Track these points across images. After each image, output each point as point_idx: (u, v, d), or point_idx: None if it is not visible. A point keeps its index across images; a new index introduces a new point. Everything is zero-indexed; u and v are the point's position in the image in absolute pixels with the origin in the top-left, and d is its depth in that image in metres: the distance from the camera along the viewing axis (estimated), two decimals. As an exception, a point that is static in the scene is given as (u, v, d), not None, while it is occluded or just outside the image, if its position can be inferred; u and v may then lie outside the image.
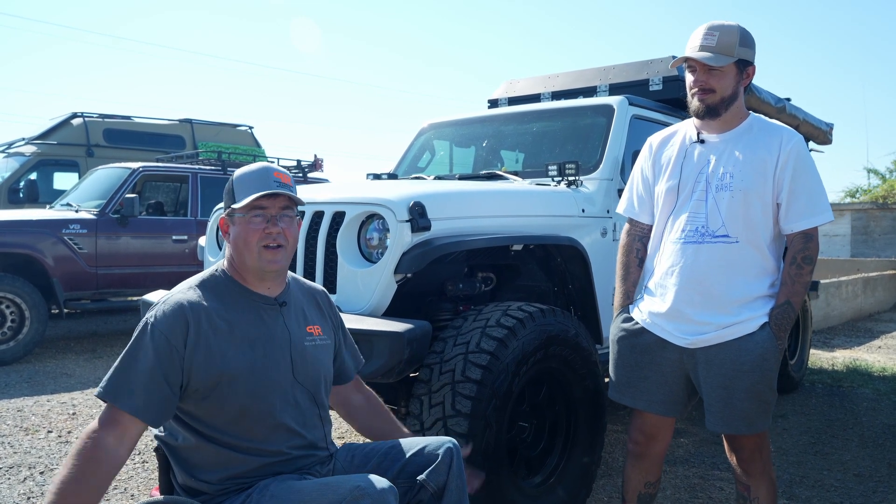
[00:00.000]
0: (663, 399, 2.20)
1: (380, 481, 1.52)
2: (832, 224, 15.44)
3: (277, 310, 1.76)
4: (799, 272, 2.07)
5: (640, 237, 2.33)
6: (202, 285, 1.72)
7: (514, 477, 2.62)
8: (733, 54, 2.07)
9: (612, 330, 2.32)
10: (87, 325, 8.24)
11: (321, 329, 1.86)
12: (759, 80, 4.79)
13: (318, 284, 2.01)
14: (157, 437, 1.74)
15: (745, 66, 2.12)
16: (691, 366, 2.14)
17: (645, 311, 2.22)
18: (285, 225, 1.71)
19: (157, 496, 1.70)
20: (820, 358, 6.81)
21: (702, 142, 2.17)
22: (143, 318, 1.63)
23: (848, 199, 19.82)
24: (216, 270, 1.77)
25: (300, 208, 1.94)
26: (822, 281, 9.00)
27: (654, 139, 2.34)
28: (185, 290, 1.68)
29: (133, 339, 1.61)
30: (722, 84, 2.09)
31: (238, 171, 1.76)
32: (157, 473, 1.94)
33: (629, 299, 2.31)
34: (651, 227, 2.30)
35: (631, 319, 2.25)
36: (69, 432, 4.04)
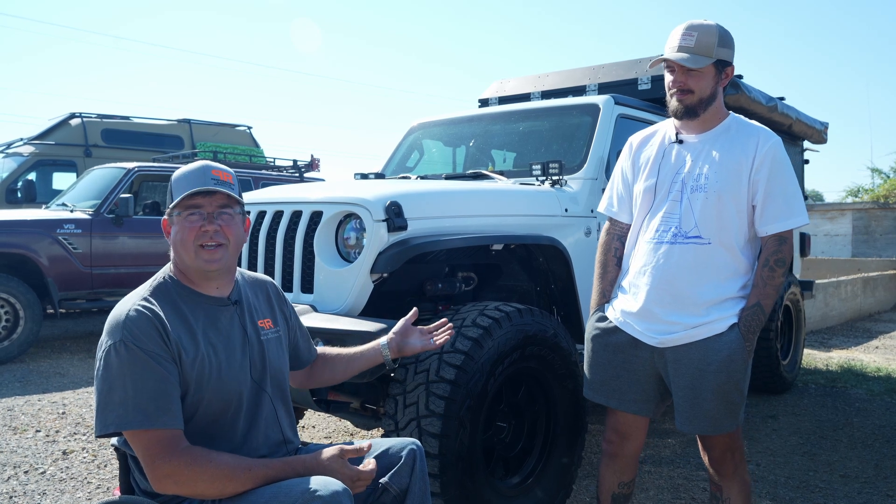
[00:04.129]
0: (635, 398, 2.21)
1: (333, 483, 1.51)
2: (833, 223, 15.39)
3: (231, 310, 1.74)
4: (771, 275, 2.05)
5: (619, 236, 2.33)
6: (154, 294, 1.64)
7: (491, 477, 2.61)
8: (712, 55, 2.05)
9: (588, 328, 2.33)
10: (84, 325, 8.26)
11: (271, 321, 1.84)
12: (760, 79, 4.78)
13: (263, 275, 1.98)
14: (115, 444, 1.73)
15: (723, 66, 2.10)
16: (661, 365, 2.14)
17: (618, 310, 2.22)
18: (224, 223, 1.67)
19: (118, 496, 1.70)
20: (815, 358, 6.78)
21: (680, 142, 2.17)
22: (114, 343, 1.52)
23: (850, 199, 19.74)
24: (163, 276, 1.70)
25: (262, 207, 1.91)
26: (820, 281, 8.96)
27: (635, 138, 2.33)
28: (141, 301, 1.60)
29: (118, 365, 1.50)
30: (700, 85, 2.08)
31: (177, 171, 1.72)
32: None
33: (605, 298, 2.31)
34: (630, 226, 2.30)
35: (606, 318, 2.26)
36: (57, 432, 4.05)
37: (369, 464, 1.65)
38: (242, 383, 1.68)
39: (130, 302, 1.61)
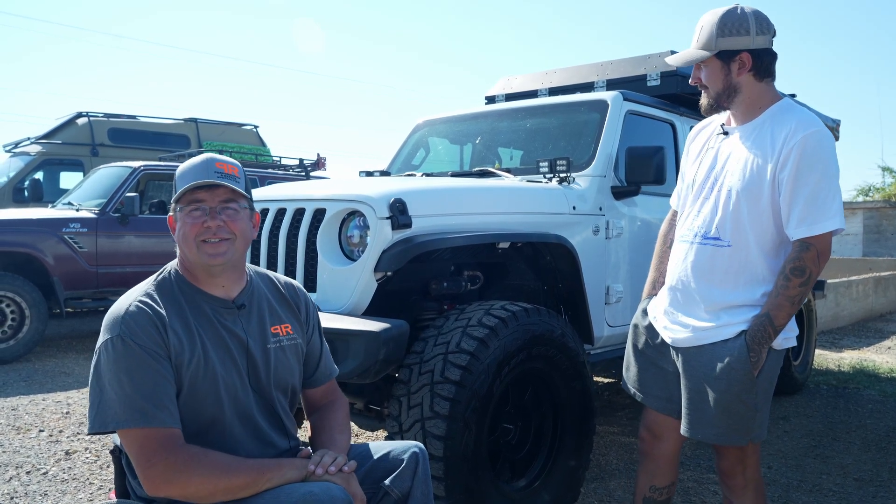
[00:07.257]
0: (659, 395, 2.16)
1: (334, 488, 1.47)
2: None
3: (234, 313, 1.67)
4: (786, 284, 1.85)
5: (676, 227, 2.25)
6: (157, 289, 1.61)
7: (497, 480, 2.56)
8: (712, 47, 1.94)
9: (634, 317, 2.28)
10: (89, 325, 8.25)
11: (291, 328, 1.77)
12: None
13: (291, 279, 1.90)
14: (116, 445, 1.68)
15: (729, 56, 1.94)
16: (679, 366, 2.07)
17: (653, 306, 2.19)
18: (228, 217, 1.61)
19: (113, 499, 1.66)
20: (827, 359, 6.69)
21: (726, 133, 2.04)
22: (110, 338, 1.48)
23: (861, 198, 19.56)
24: (168, 271, 1.67)
25: (265, 205, 1.85)
26: (831, 280, 8.86)
27: (694, 129, 2.24)
28: (141, 296, 1.56)
29: (113, 361, 1.46)
30: (709, 79, 1.98)
31: (181, 165, 1.67)
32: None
33: (654, 288, 2.25)
34: None
35: (646, 312, 2.21)
36: (60, 431, 4.02)
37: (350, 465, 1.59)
38: (234, 389, 1.62)
39: (131, 297, 1.57)
